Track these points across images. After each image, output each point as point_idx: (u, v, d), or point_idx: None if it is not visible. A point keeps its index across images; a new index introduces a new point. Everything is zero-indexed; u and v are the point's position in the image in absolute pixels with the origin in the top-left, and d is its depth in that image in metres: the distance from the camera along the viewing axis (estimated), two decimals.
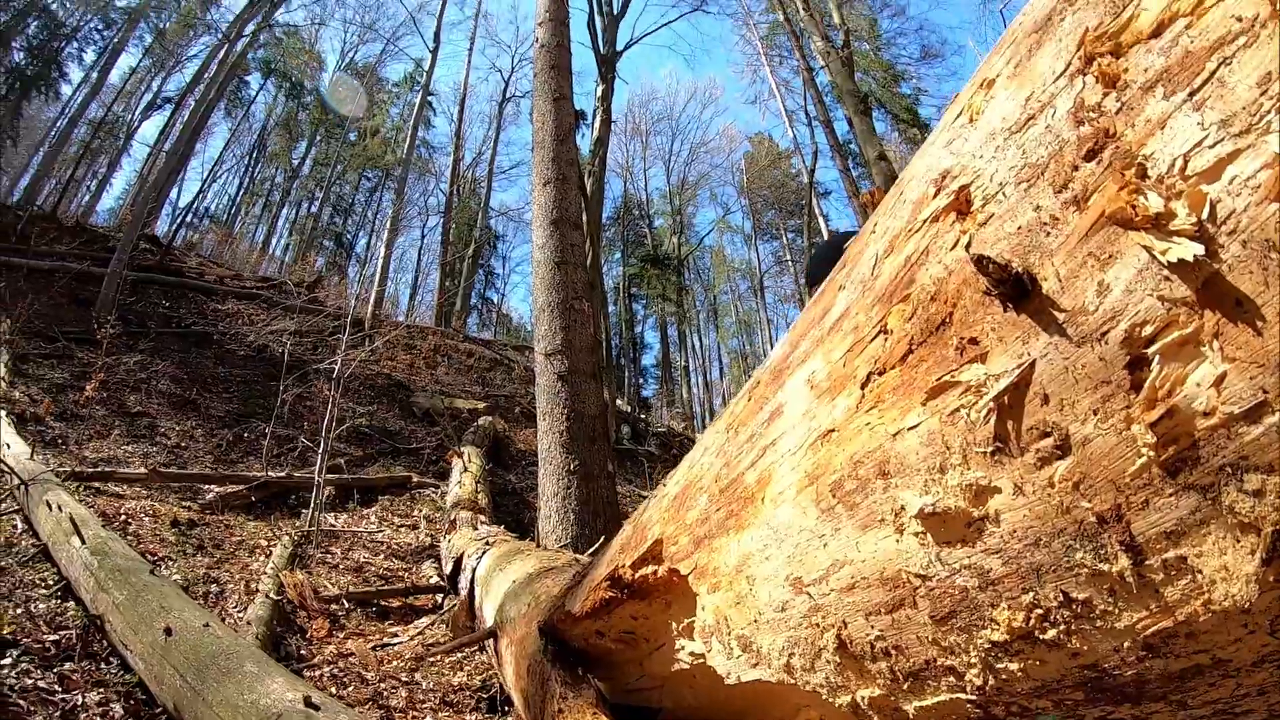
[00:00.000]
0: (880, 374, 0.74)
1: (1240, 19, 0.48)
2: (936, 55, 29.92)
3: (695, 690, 1.39)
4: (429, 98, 31.90)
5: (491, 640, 2.89)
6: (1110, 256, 0.52)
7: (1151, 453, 0.51)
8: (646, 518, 1.35)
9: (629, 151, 44.34)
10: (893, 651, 0.77)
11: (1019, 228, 0.59)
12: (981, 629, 0.67)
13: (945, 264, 0.66)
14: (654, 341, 41.83)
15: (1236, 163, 0.48)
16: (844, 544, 0.79)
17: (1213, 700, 0.60)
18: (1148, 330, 0.50)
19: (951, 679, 0.71)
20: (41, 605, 3.76)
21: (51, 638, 3.42)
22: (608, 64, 23.86)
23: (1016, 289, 0.57)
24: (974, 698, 0.70)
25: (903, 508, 0.70)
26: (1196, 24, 0.51)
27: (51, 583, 4.05)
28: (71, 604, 3.80)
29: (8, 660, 3.13)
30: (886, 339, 0.73)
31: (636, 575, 1.30)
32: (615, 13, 25.71)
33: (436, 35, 27.18)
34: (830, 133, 23.33)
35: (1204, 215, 0.48)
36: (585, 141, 18.74)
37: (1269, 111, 0.46)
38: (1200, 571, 0.51)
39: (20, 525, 4.91)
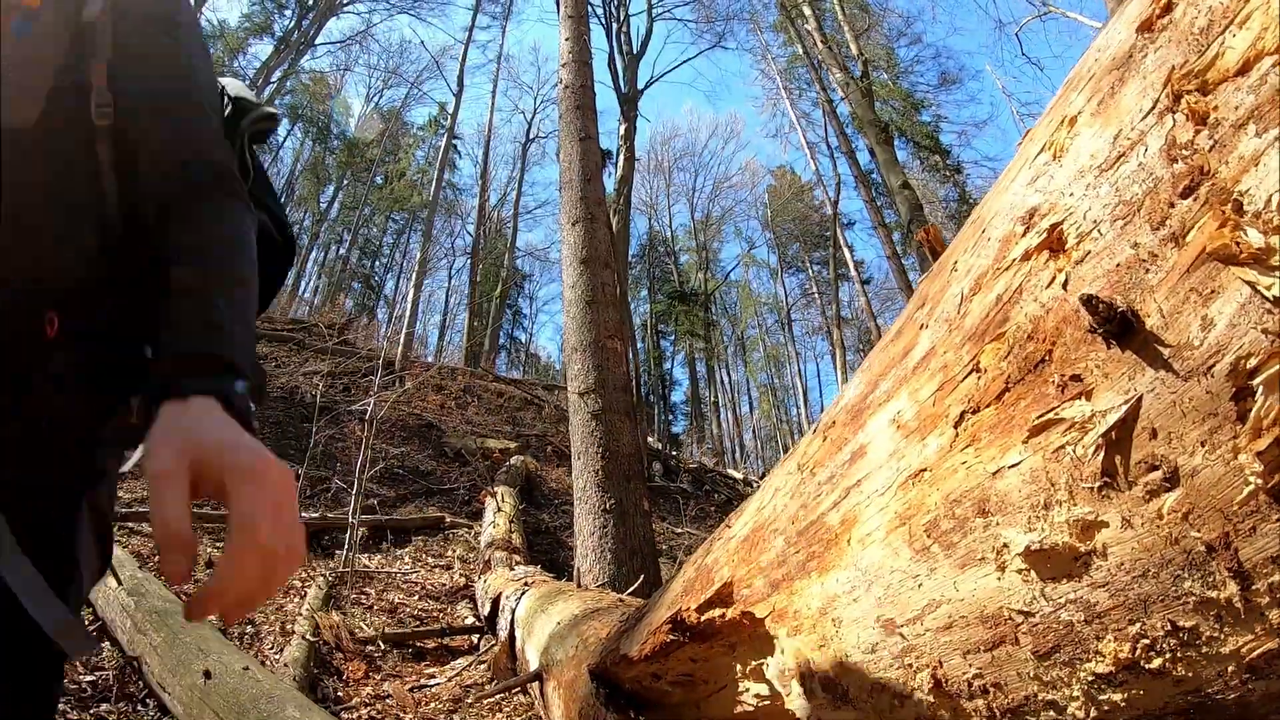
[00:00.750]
0: (975, 412, 0.75)
1: None
2: (955, 81, 29.90)
3: None
4: (454, 140, 32.28)
5: (537, 683, 2.90)
6: (1213, 292, 0.54)
7: (1259, 480, 0.53)
8: (711, 560, 1.35)
9: (653, 188, 44.77)
10: (991, 689, 0.77)
11: (1117, 265, 0.61)
12: (1085, 662, 0.67)
13: (1041, 302, 0.68)
14: (683, 378, 41.68)
15: None
16: (940, 583, 0.80)
17: None
18: (1252, 362, 0.52)
19: (1052, 713, 0.72)
20: None
21: (88, 678, 3.46)
22: (629, 102, 24.15)
23: (1121, 326, 0.58)
24: None
25: (1005, 545, 0.71)
26: None
27: (86, 622, 4.06)
28: (107, 644, 3.82)
29: None
30: (980, 377, 0.75)
31: (702, 618, 1.30)
32: (635, 51, 26.09)
33: (460, 79, 27.44)
34: (853, 163, 23.34)
35: None
36: (610, 180, 18.93)
37: None
38: None
39: None
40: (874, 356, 1.04)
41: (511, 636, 3.78)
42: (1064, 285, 0.65)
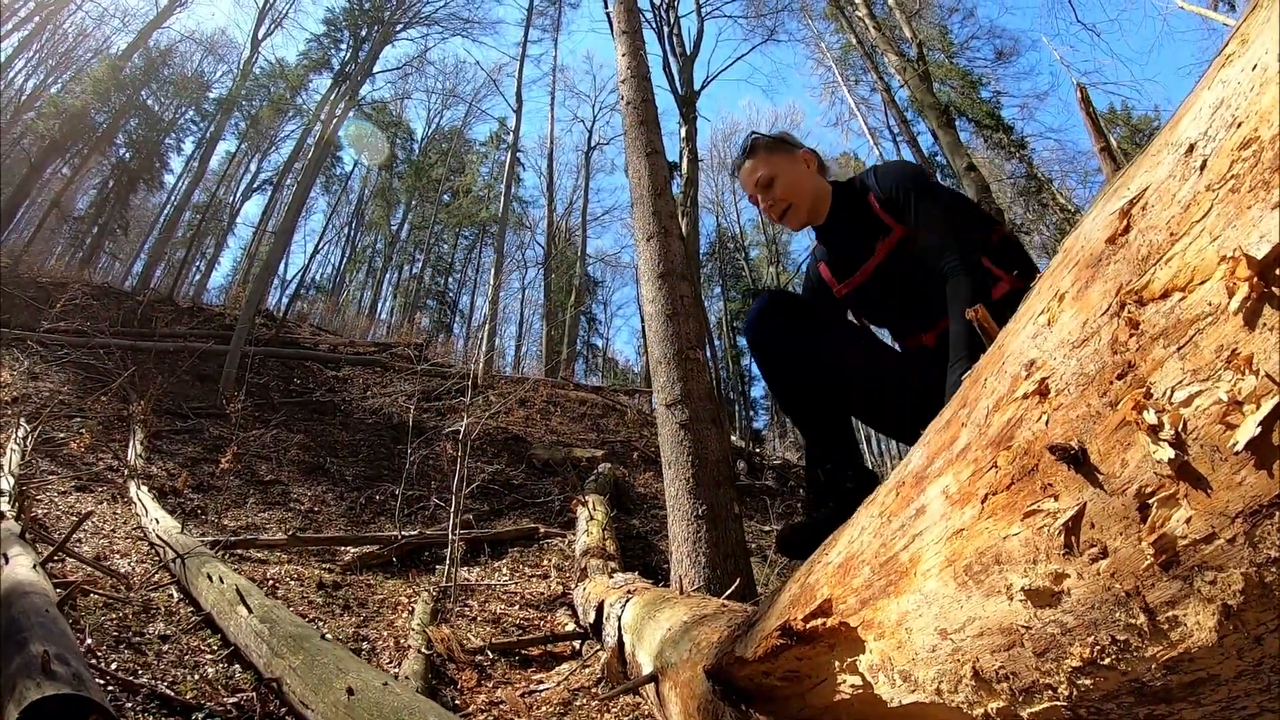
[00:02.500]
0: (993, 494, 1.11)
1: (1210, 304, 0.79)
2: (1012, 54, 29.14)
3: (852, 715, 1.76)
4: (517, 155, 32.59)
5: (652, 685, 3.17)
6: (1128, 445, 0.88)
7: (1153, 558, 0.87)
8: (813, 580, 1.74)
9: (718, 185, 44.42)
10: (1010, 676, 1.14)
11: (1078, 415, 0.95)
12: (1065, 659, 1.03)
13: (1033, 430, 1.03)
14: None
15: (1199, 398, 0.80)
16: (974, 606, 1.17)
17: (1218, 699, 0.95)
18: (1149, 489, 0.86)
19: (1049, 692, 1.09)
20: (210, 670, 4.14)
21: (231, 700, 3.78)
22: (688, 104, 24.18)
23: (1075, 458, 0.95)
24: (1065, 704, 1.07)
25: (1011, 584, 1.07)
26: (1188, 298, 0.81)
27: (216, 648, 4.46)
28: (238, 667, 4.18)
29: None
30: (997, 472, 1.11)
31: (807, 626, 1.69)
32: (688, 53, 26.00)
33: (518, 95, 27.75)
34: (916, 149, 22.88)
35: (1179, 428, 0.82)
36: (675, 184, 19.08)
37: (1219, 369, 0.78)
38: (1186, 625, 0.87)
39: (176, 595, 5.36)
40: (930, 435, 1.39)
41: (620, 642, 4.01)
42: (1046, 423, 1.01)
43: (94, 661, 3.81)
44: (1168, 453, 0.84)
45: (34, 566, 4.27)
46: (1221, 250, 0.79)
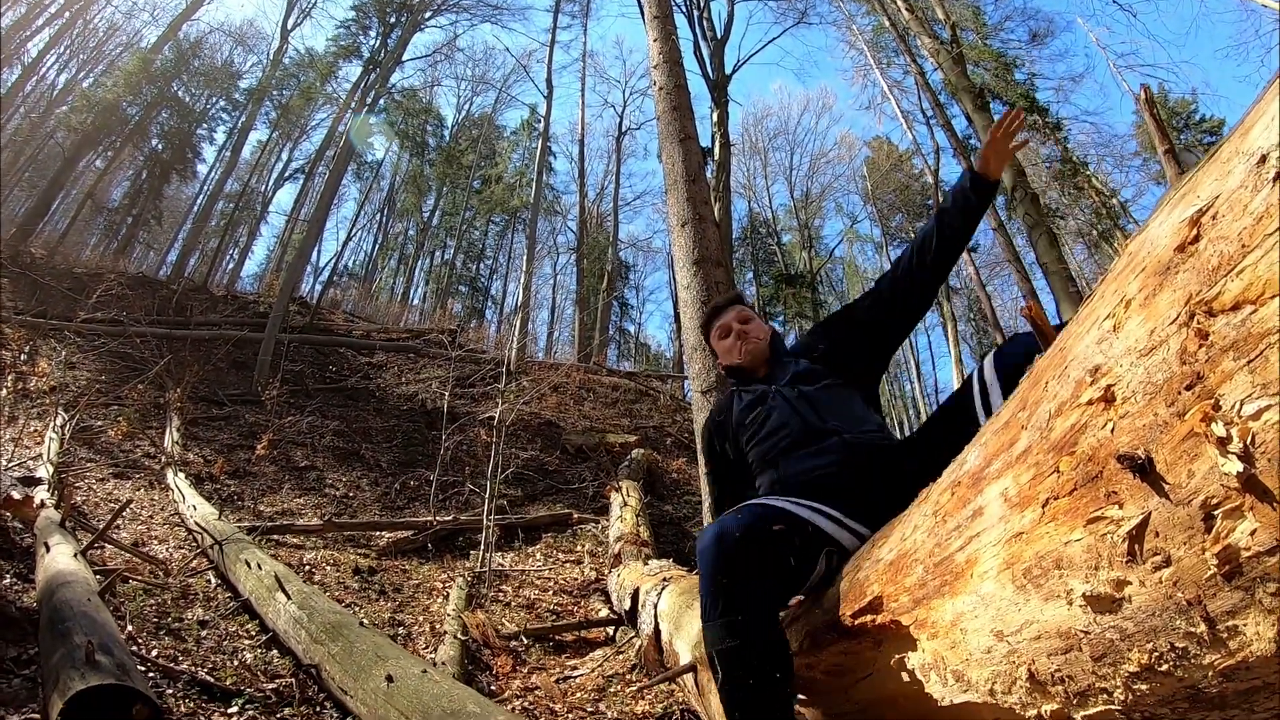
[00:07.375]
0: (1055, 499, 1.12)
1: None
2: (1046, 35, 28.48)
3: (897, 711, 1.78)
4: (548, 143, 32.51)
5: (691, 674, 3.18)
6: (1195, 455, 0.89)
7: (1216, 568, 0.89)
8: (863, 576, 1.76)
9: (750, 170, 43.94)
10: (1065, 679, 1.16)
11: (1145, 424, 0.96)
12: (1123, 664, 1.05)
13: (1098, 438, 1.04)
14: None
15: (1268, 411, 0.80)
16: (1032, 610, 1.18)
17: (1270, 707, 0.96)
18: (1214, 500, 0.87)
19: (1105, 696, 1.10)
20: (249, 655, 4.18)
21: (270, 686, 3.80)
22: (719, 89, 23.99)
23: (1142, 468, 0.96)
24: (1119, 708, 1.09)
25: (1071, 590, 1.09)
26: (1259, 311, 0.81)
27: (254, 633, 4.50)
28: (276, 653, 4.21)
29: (234, 708, 3.51)
30: (1059, 477, 1.12)
31: (856, 622, 1.72)
32: (719, 37, 25.70)
33: (549, 81, 27.50)
34: (950, 133, 22.46)
35: (1248, 441, 0.83)
36: (707, 169, 18.95)
37: None
38: (1244, 634, 0.89)
39: (214, 581, 5.40)
40: (988, 435, 1.39)
41: (656, 630, 4.02)
42: (1111, 430, 1.02)
43: (135, 648, 3.83)
44: (1235, 465, 0.84)
45: (74, 555, 4.35)
46: None
